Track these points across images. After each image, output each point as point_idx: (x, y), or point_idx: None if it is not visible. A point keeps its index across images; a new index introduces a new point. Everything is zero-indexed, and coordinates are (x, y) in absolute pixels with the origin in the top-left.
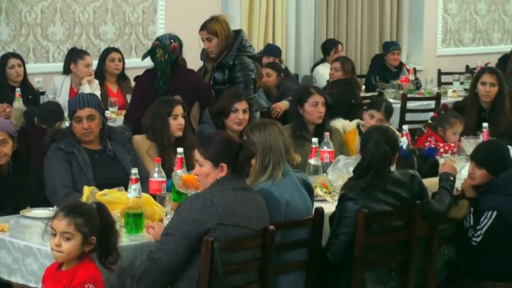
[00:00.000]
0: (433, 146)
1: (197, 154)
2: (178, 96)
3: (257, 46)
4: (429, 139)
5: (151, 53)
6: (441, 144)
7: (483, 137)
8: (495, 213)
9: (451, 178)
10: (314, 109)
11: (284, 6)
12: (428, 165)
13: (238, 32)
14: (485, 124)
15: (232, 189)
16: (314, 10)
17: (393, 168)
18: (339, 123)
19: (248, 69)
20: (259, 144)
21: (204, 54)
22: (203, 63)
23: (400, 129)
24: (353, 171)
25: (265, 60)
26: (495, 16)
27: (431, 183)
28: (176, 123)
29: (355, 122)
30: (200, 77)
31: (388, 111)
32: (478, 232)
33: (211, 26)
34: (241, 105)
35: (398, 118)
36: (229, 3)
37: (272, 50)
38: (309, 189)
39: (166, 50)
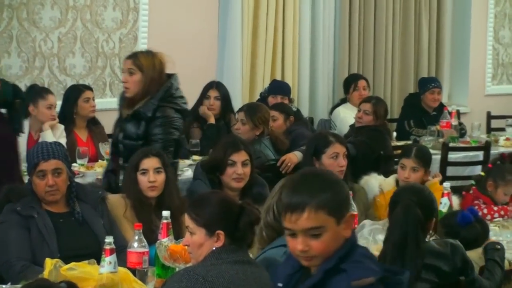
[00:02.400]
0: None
1: (187, 220)
2: None
3: (262, 83)
4: (476, 202)
5: None
6: (495, 208)
7: None
8: None
9: (498, 247)
10: (334, 162)
11: (296, 34)
12: (473, 234)
13: (169, 76)
14: None
15: (231, 262)
16: (334, 39)
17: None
18: (374, 180)
19: (172, 126)
20: None
21: (122, 98)
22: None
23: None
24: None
25: (271, 100)
26: None
27: (477, 254)
28: (146, 180)
29: (392, 178)
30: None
31: (421, 156)
32: None
33: (140, 58)
34: (240, 157)
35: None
36: (228, 30)
37: (278, 87)
38: None
39: None
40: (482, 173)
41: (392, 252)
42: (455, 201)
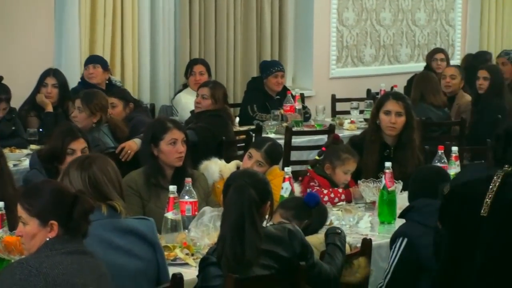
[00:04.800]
0: (314, 191)
1: (20, 210)
2: None
3: None
4: (312, 183)
5: None
6: (325, 191)
7: (385, 179)
8: (405, 240)
9: (339, 231)
10: (172, 148)
11: (135, 18)
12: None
13: None
14: (388, 164)
15: (66, 253)
16: (174, 23)
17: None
18: (215, 166)
19: None
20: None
21: None
22: None
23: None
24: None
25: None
26: (403, 27)
27: (318, 239)
28: None
29: (233, 164)
30: None
31: (271, 153)
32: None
33: None
34: (79, 145)
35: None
36: (65, 15)
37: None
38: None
39: None
40: (317, 157)
41: (231, 234)
42: (297, 186)
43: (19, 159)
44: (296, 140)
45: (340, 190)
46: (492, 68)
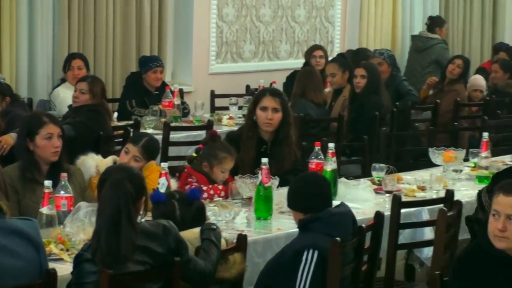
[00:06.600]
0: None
1: None
2: None
3: None
4: (189, 179)
5: None
6: (204, 187)
7: (262, 175)
8: (316, 253)
9: (214, 227)
10: (48, 143)
11: (13, 10)
12: (192, 212)
13: None
14: (264, 160)
15: None
16: (53, 18)
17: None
18: (91, 160)
19: None
20: None
21: None
22: None
23: None
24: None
25: None
26: (282, 23)
27: (193, 235)
28: None
29: (110, 159)
30: None
31: (148, 148)
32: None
33: None
34: None
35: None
36: None
37: None
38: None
39: None
40: (194, 154)
41: (107, 228)
42: (174, 182)
43: None
44: (175, 136)
45: (220, 187)
46: (369, 66)
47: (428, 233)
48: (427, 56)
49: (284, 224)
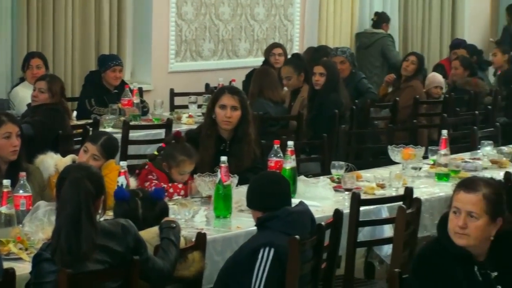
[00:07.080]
0: (159, 186)
1: None
2: None
3: None
4: (150, 176)
5: None
6: (164, 185)
7: (221, 174)
8: (272, 250)
9: (173, 225)
10: (7, 141)
11: None
12: (156, 212)
13: None
14: (223, 158)
15: None
16: (11, 16)
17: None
18: (50, 159)
19: None
20: None
21: None
22: None
23: None
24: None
25: None
26: (242, 21)
27: (151, 234)
28: None
29: (69, 158)
30: None
31: (107, 147)
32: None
33: None
34: None
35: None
36: None
37: None
38: None
39: None
40: (156, 153)
41: (67, 227)
42: (133, 180)
43: None
44: (134, 135)
45: (180, 185)
46: (328, 64)
47: (388, 230)
48: (374, 51)
49: (244, 222)
